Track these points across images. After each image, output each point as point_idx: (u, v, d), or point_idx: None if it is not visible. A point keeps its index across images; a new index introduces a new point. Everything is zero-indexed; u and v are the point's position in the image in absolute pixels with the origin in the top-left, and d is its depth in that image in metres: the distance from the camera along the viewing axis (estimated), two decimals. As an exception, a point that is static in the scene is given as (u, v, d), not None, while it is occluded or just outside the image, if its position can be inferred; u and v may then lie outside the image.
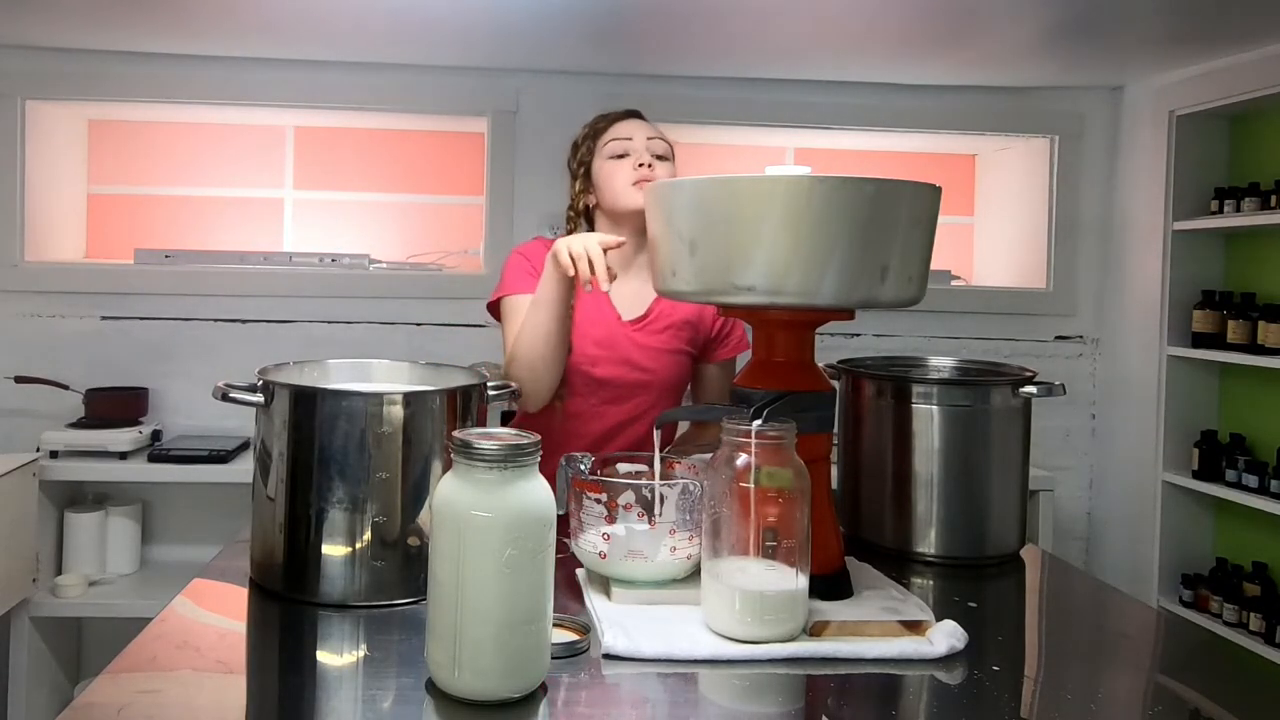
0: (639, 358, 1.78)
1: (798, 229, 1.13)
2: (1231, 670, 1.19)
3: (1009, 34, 2.46)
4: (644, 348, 1.79)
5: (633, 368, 1.78)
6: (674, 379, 1.82)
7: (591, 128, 1.84)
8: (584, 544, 1.26)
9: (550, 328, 1.63)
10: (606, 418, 1.77)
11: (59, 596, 2.57)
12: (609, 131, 1.80)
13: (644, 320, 1.80)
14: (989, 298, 3.13)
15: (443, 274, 3.00)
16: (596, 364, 1.76)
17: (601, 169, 1.78)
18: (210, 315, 2.91)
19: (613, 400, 1.77)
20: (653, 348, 1.79)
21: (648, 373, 1.79)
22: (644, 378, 1.78)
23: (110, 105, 2.94)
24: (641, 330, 1.79)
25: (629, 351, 1.78)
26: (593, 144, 1.81)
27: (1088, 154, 3.11)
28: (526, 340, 1.65)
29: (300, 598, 1.22)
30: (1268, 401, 2.66)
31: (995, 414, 1.50)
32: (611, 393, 1.76)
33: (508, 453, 0.96)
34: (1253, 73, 2.53)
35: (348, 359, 1.48)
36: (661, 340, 1.80)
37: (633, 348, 1.78)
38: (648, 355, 1.79)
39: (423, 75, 2.91)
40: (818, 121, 3.03)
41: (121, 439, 2.63)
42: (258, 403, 1.26)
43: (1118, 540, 3.03)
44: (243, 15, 2.42)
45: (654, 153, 1.77)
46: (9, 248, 2.82)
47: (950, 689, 1.04)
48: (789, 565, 1.10)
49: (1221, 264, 2.83)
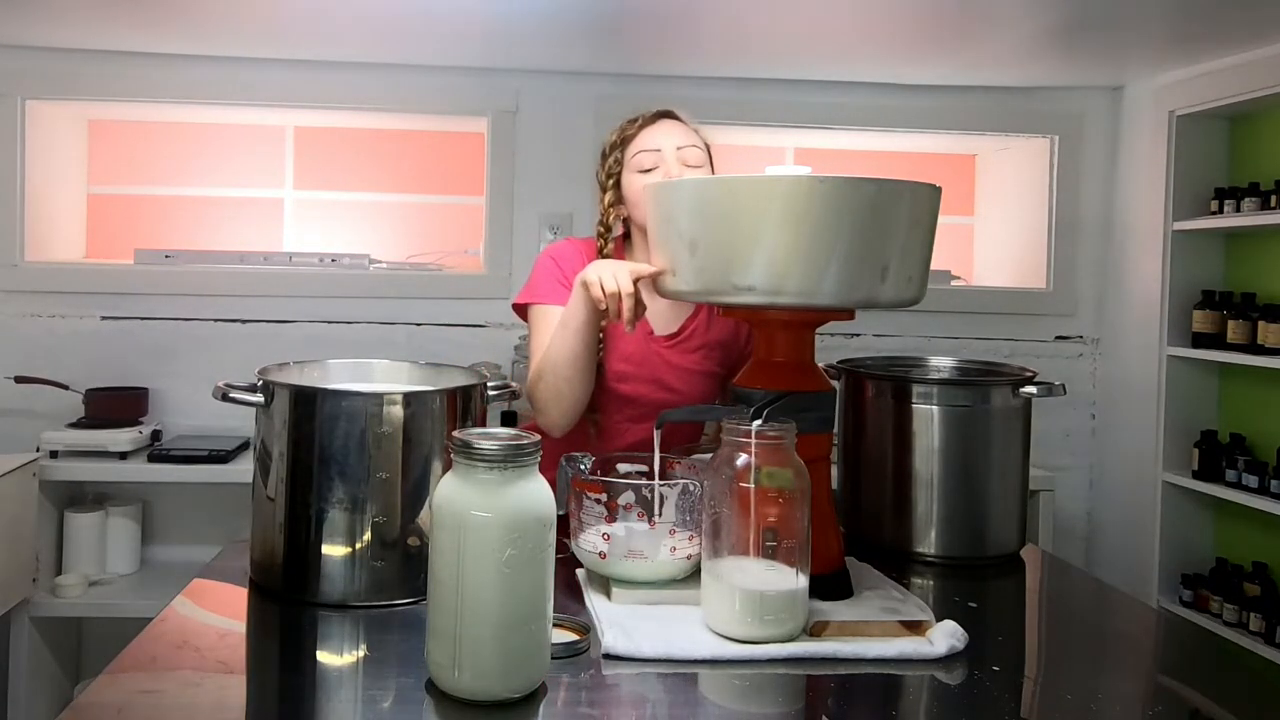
0: (669, 377, 1.70)
1: (798, 229, 1.13)
2: (1231, 670, 1.19)
3: (1009, 34, 2.46)
4: (675, 367, 1.71)
5: (661, 386, 1.70)
6: (702, 400, 1.72)
7: (621, 134, 1.70)
8: (584, 544, 1.26)
9: (578, 351, 1.54)
10: (630, 435, 1.69)
11: (59, 596, 2.57)
12: (637, 140, 1.67)
13: (677, 338, 1.71)
14: (989, 298, 3.13)
15: (443, 274, 3.00)
16: (625, 380, 1.68)
17: (631, 183, 1.65)
18: (210, 315, 2.91)
19: (638, 419, 1.69)
20: (684, 368, 1.71)
21: (676, 393, 1.70)
22: (672, 398, 1.69)
23: (110, 105, 2.94)
24: (674, 348, 1.71)
25: (659, 370, 1.70)
26: (621, 154, 1.68)
27: (1088, 154, 3.11)
28: (551, 363, 1.56)
29: (300, 598, 1.22)
30: (1268, 401, 2.66)
31: (995, 414, 1.50)
32: (638, 410, 1.68)
33: (508, 453, 0.96)
34: (1253, 73, 2.53)
35: (348, 359, 1.48)
36: (693, 360, 1.72)
37: (664, 366, 1.70)
38: (678, 375, 1.71)
39: (423, 75, 2.91)
40: (818, 121, 3.03)
41: (121, 439, 2.63)
42: (258, 403, 1.27)
43: (1118, 540, 3.03)
44: (243, 15, 2.42)
45: (686, 162, 1.64)
46: (9, 248, 2.82)
47: (950, 689, 1.04)
48: (789, 565, 1.10)
49: (1221, 264, 2.83)
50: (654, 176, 1.62)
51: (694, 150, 1.65)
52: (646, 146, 1.65)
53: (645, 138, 1.66)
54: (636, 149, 1.66)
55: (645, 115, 1.70)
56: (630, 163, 1.66)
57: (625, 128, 1.70)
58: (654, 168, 1.63)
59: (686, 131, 1.68)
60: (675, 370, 1.70)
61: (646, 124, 1.68)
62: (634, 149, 1.66)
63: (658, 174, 1.62)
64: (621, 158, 1.68)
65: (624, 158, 1.67)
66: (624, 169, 1.67)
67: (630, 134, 1.68)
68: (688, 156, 1.64)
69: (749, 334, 1.75)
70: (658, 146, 1.64)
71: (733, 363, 1.75)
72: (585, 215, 2.99)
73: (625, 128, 1.70)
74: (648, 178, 1.62)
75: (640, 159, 1.64)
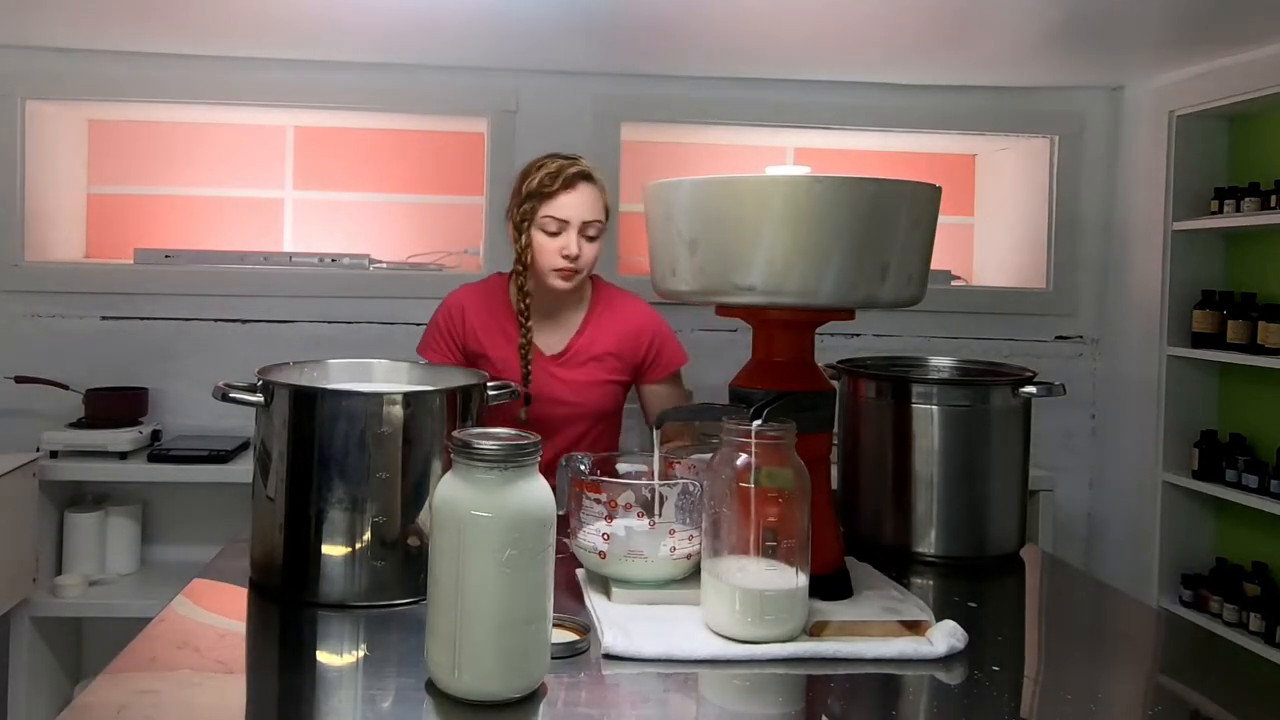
0: (561, 392, 1.91)
1: (797, 229, 1.13)
2: (1231, 670, 1.19)
3: (1009, 34, 2.46)
4: (565, 382, 1.92)
5: (557, 403, 1.91)
6: (603, 408, 1.96)
7: (539, 188, 1.87)
8: (584, 544, 1.26)
9: None
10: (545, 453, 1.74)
11: (59, 596, 2.57)
12: (551, 205, 1.86)
13: (564, 355, 1.94)
14: (989, 298, 3.13)
15: (443, 274, 3.00)
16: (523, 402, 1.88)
17: (535, 237, 1.88)
18: (210, 315, 2.91)
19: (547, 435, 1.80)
20: (575, 381, 1.93)
21: (572, 405, 1.92)
22: (570, 411, 1.92)
23: (110, 105, 2.94)
24: (562, 365, 1.93)
25: (550, 387, 1.90)
26: (533, 206, 1.87)
27: (1088, 154, 3.11)
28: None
29: (300, 598, 1.22)
30: (1268, 401, 2.66)
31: (995, 414, 1.50)
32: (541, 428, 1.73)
33: (508, 453, 0.96)
34: (1253, 73, 2.53)
35: (348, 359, 1.48)
36: (583, 373, 1.94)
37: (553, 382, 1.91)
38: (569, 389, 1.92)
39: (423, 75, 2.91)
40: (818, 121, 3.03)
41: (121, 439, 2.63)
42: (258, 403, 1.26)
43: (1118, 540, 3.03)
44: (243, 15, 2.42)
45: (586, 235, 1.86)
46: (9, 248, 2.82)
47: (950, 689, 1.04)
48: (789, 565, 1.10)
49: (1221, 264, 2.83)
50: (556, 242, 1.85)
51: (597, 224, 1.88)
52: (557, 215, 1.86)
53: (559, 205, 1.86)
54: (547, 213, 1.86)
55: (566, 175, 1.86)
56: (539, 220, 1.87)
57: (545, 182, 1.87)
58: (559, 232, 1.86)
59: (596, 201, 1.89)
60: (566, 384, 1.93)
61: (565, 188, 1.86)
62: (545, 211, 1.86)
63: (559, 243, 1.85)
64: (531, 212, 1.87)
65: (534, 213, 1.87)
66: (532, 223, 1.88)
67: (548, 193, 1.86)
68: (590, 229, 1.87)
69: (651, 340, 1.99)
70: (567, 218, 1.86)
71: (631, 368, 1.99)
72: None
73: (545, 182, 1.87)
74: (551, 241, 1.86)
75: (547, 222, 1.86)
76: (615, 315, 1.99)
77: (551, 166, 1.88)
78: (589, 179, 1.89)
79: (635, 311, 2.01)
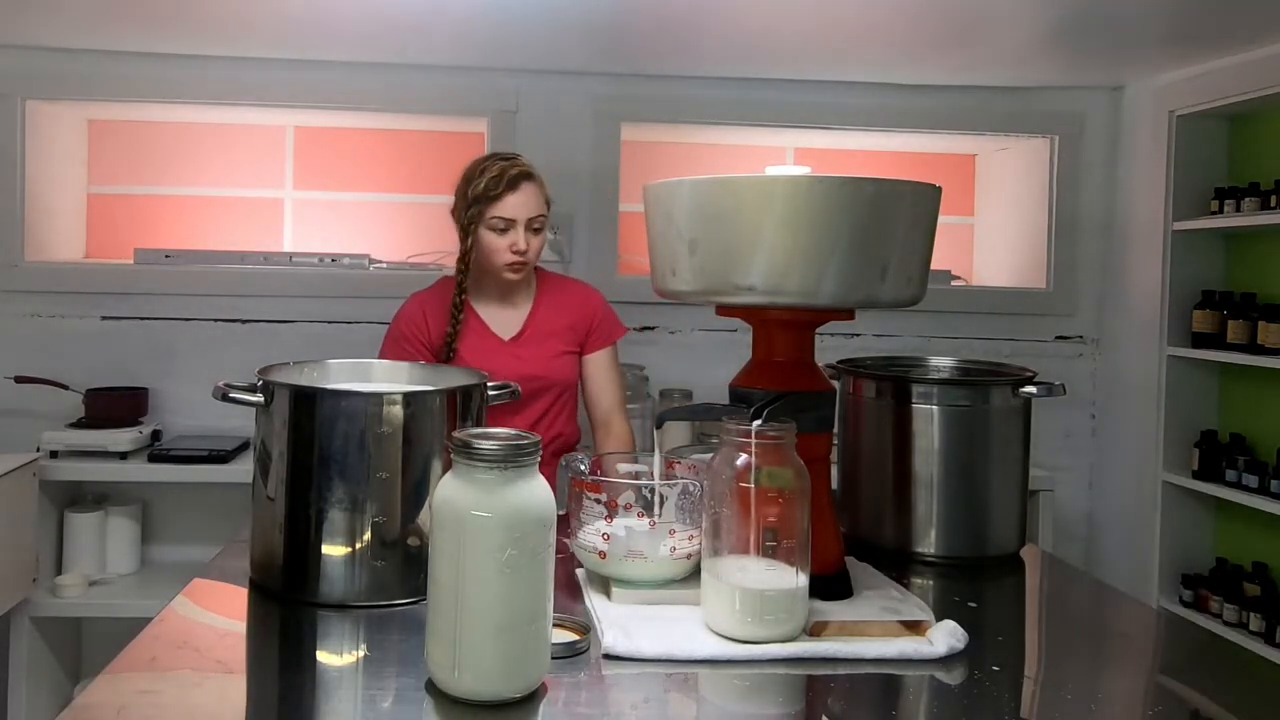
0: (524, 369, 1.98)
1: (797, 229, 1.13)
2: (1231, 670, 1.19)
3: (1009, 34, 2.46)
4: (526, 360, 2.02)
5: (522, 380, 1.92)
6: (564, 378, 2.08)
7: (485, 192, 1.95)
8: (584, 544, 1.26)
9: None
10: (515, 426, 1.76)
11: (59, 596, 2.57)
12: (495, 208, 1.95)
13: (520, 336, 2.05)
14: (989, 298, 3.13)
15: (443, 274, 2.99)
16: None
17: (484, 236, 1.98)
18: (210, 315, 2.91)
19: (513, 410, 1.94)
20: (535, 357, 2.04)
21: (536, 380, 2.00)
22: (535, 385, 2.00)
23: (110, 105, 2.94)
24: (521, 346, 2.05)
25: (514, 366, 1.98)
26: (479, 211, 1.96)
27: (1088, 154, 3.11)
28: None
29: (300, 598, 1.22)
30: (1268, 401, 2.66)
31: (995, 414, 1.50)
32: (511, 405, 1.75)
33: (508, 453, 0.96)
34: (1253, 73, 2.53)
35: (348, 359, 1.48)
36: (543, 350, 2.05)
37: (516, 362, 2.00)
38: (531, 365, 2.02)
39: (423, 75, 2.91)
40: (818, 121, 3.02)
41: (121, 439, 2.63)
42: (258, 403, 1.26)
43: (1118, 540, 3.03)
44: (243, 15, 2.42)
45: (532, 228, 1.98)
46: (9, 248, 2.82)
47: (950, 689, 1.04)
48: (789, 565, 1.10)
49: (1221, 264, 2.83)
50: (505, 239, 1.96)
51: (540, 219, 2.00)
52: (504, 215, 1.95)
53: (505, 206, 1.95)
54: (495, 214, 1.95)
55: (509, 177, 1.96)
56: (487, 220, 1.96)
57: (490, 186, 1.96)
58: (507, 230, 1.96)
59: (538, 196, 2.00)
60: (527, 362, 2.02)
61: (509, 189, 1.96)
62: (493, 212, 1.96)
63: (508, 239, 1.96)
64: (479, 215, 1.96)
65: (481, 216, 1.96)
66: (480, 225, 1.97)
67: (494, 195, 1.95)
68: (535, 224, 1.98)
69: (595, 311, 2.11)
70: (514, 217, 1.96)
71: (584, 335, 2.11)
72: (585, 215, 2.99)
73: (490, 186, 1.96)
74: (500, 238, 1.96)
75: (496, 223, 1.96)
76: (563, 294, 2.14)
77: (494, 170, 1.97)
78: (530, 177, 2.00)
79: (580, 289, 2.17)
